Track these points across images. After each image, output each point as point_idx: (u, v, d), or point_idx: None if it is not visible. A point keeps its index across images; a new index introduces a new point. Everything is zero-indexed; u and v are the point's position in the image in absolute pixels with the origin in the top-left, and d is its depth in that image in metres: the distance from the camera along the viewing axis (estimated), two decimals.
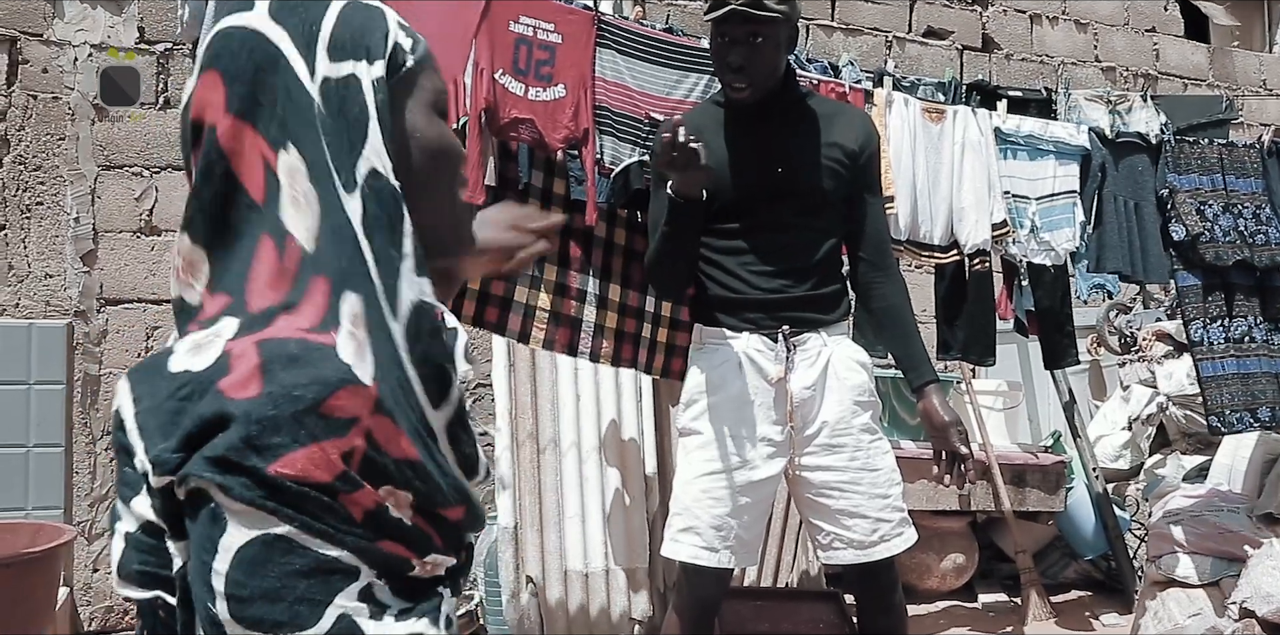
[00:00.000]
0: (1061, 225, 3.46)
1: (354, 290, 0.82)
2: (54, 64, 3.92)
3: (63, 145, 3.92)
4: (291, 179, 0.84)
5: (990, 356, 3.60)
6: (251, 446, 0.74)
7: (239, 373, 0.77)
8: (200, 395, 0.77)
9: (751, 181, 2.34)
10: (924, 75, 3.85)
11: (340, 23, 0.90)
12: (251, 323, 0.81)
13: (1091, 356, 5.35)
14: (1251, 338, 3.75)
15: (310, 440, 0.75)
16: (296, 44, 0.87)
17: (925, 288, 3.88)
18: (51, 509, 3.64)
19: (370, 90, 0.88)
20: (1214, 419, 3.66)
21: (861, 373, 2.40)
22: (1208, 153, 3.71)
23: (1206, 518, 3.69)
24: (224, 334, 0.81)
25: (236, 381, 0.76)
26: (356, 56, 0.89)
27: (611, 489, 3.76)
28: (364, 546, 0.79)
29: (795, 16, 2.35)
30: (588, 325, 3.19)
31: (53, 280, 3.89)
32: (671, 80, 3.03)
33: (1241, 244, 3.66)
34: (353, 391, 0.78)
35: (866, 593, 2.41)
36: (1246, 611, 3.37)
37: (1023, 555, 4.15)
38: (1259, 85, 6.57)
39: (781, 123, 2.39)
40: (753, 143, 2.37)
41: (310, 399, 0.76)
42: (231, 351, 0.79)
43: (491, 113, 2.83)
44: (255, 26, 0.87)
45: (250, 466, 0.74)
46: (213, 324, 0.82)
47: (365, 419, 0.78)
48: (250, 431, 0.74)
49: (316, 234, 0.83)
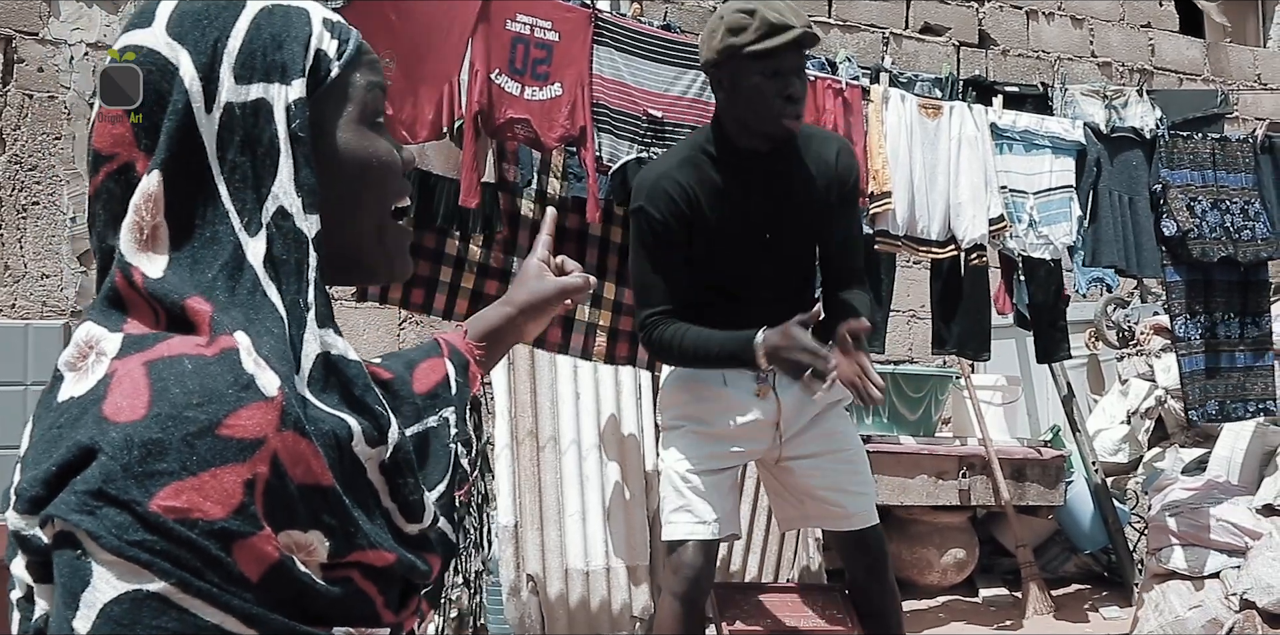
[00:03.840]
0: (1059, 219, 3.47)
1: (244, 331, 0.72)
2: (50, 63, 3.91)
3: (59, 145, 3.92)
4: (141, 205, 0.74)
5: (985, 351, 3.60)
6: (131, 475, 0.64)
7: (122, 392, 0.67)
8: (79, 419, 0.67)
9: (740, 246, 2.32)
10: (921, 71, 3.85)
11: (250, 36, 0.78)
12: (137, 341, 0.71)
13: (1090, 351, 5.36)
14: (1227, 333, 3.79)
15: (201, 467, 0.65)
16: (197, 66, 0.77)
17: (922, 284, 3.88)
18: None
19: (283, 117, 0.78)
20: (1193, 413, 3.76)
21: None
22: (1200, 148, 3.72)
23: (1206, 510, 3.70)
24: (107, 351, 0.71)
25: (119, 403, 0.66)
26: (268, 77, 0.78)
27: (612, 486, 3.77)
28: (256, 614, 0.67)
29: None
30: (579, 324, 3.20)
31: (49, 280, 3.88)
32: (669, 77, 3.04)
33: (1227, 240, 3.69)
34: (256, 406, 0.67)
35: (859, 568, 2.46)
36: (1247, 603, 3.38)
37: (1023, 549, 4.15)
38: (1254, 80, 6.58)
39: (769, 175, 2.28)
40: (740, 202, 2.28)
41: (204, 419, 0.66)
42: (115, 371, 0.69)
43: (487, 114, 2.83)
44: (151, 46, 0.77)
45: (127, 500, 0.63)
46: (74, 336, 0.74)
47: (271, 438, 0.67)
48: (130, 458, 0.64)
49: (166, 266, 0.73)
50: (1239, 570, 3.52)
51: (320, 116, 0.81)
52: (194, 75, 0.76)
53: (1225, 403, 3.79)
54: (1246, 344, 3.84)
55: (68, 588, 0.65)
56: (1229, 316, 3.82)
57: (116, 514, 0.63)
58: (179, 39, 0.77)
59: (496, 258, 3.21)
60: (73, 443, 0.66)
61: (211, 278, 0.74)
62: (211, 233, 0.75)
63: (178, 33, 0.77)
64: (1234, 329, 3.82)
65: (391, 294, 3.36)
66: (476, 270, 3.19)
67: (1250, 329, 3.85)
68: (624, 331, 3.22)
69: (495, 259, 3.21)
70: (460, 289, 3.18)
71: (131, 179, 0.76)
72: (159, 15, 0.78)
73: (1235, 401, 3.83)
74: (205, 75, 0.77)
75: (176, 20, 0.78)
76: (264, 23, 0.79)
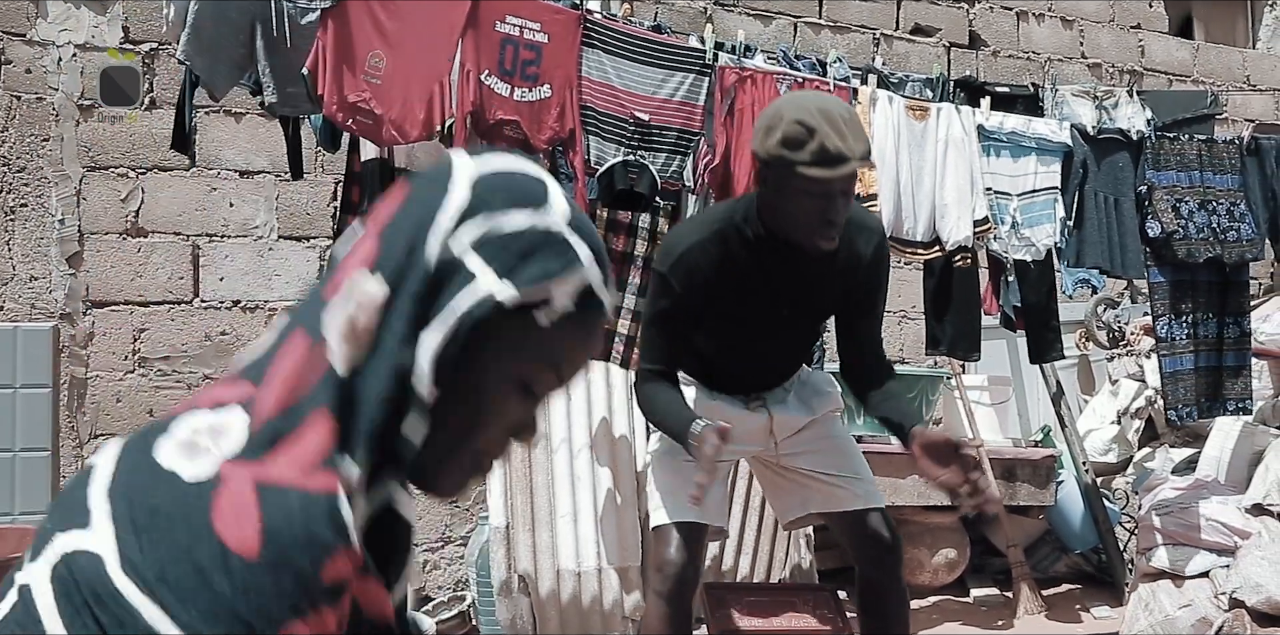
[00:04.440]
0: (1042, 221, 3.48)
1: (354, 459, 0.76)
2: (38, 64, 3.89)
3: (47, 146, 3.90)
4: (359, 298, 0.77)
5: (976, 352, 3.61)
6: (252, 616, 0.69)
7: (234, 519, 0.70)
8: (188, 516, 0.70)
9: (754, 321, 2.34)
10: (912, 72, 3.86)
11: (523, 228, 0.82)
12: (254, 447, 0.74)
13: (1080, 351, 5.37)
14: (1206, 333, 3.82)
15: (310, 608, 0.70)
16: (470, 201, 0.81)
17: (913, 284, 3.89)
18: (38, 514, 3.62)
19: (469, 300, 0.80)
20: (1171, 413, 3.79)
21: (832, 388, 2.56)
22: (1187, 149, 3.74)
23: (1195, 509, 3.71)
24: (223, 446, 0.73)
25: (232, 531, 0.70)
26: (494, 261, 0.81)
27: (603, 487, 3.76)
28: None
29: None
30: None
31: (38, 282, 3.87)
32: (657, 79, 3.04)
33: (1214, 241, 3.70)
34: (346, 553, 0.72)
35: (870, 561, 2.41)
36: (1236, 602, 3.39)
37: (1013, 549, 4.16)
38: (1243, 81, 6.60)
39: (798, 262, 2.25)
40: (762, 284, 2.27)
41: (310, 569, 0.70)
42: (227, 480, 0.72)
43: (478, 115, 2.83)
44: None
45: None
46: (221, 410, 0.76)
47: (352, 582, 0.73)
48: (250, 601, 0.69)
49: (350, 365, 0.76)
50: (1228, 569, 3.54)
51: (495, 332, 0.79)
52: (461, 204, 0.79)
53: (1202, 401, 3.81)
54: (1227, 344, 3.86)
55: None
56: (1208, 316, 3.84)
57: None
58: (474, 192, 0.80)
59: None
60: (189, 559, 0.69)
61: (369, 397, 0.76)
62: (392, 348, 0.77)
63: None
64: (1212, 329, 3.84)
65: None
66: None
67: (1231, 329, 3.87)
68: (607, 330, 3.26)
69: None
70: None
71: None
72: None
73: (1214, 401, 3.86)
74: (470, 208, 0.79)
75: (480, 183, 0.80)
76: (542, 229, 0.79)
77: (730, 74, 3.08)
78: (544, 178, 0.83)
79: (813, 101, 2.13)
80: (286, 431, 0.74)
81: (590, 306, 0.82)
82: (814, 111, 2.06)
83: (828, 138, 2.04)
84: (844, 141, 2.04)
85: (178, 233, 4.07)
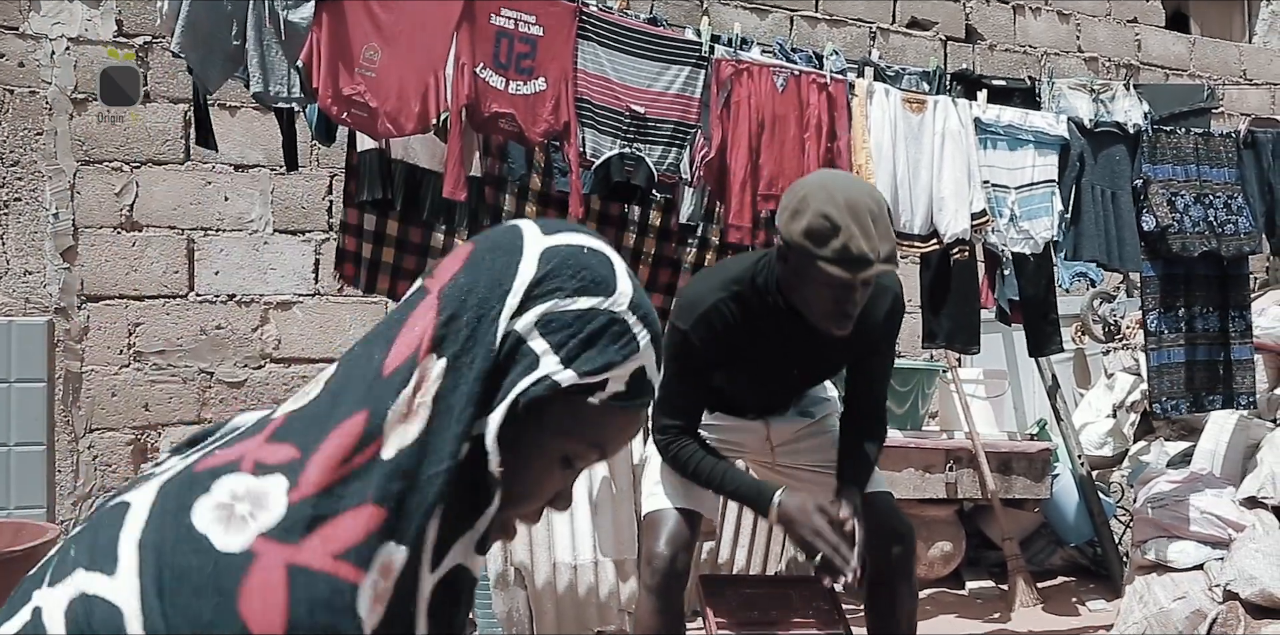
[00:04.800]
0: (1040, 214, 3.48)
1: (400, 542, 0.76)
2: (30, 58, 3.88)
3: (40, 140, 3.89)
4: (415, 388, 0.77)
5: (975, 345, 3.61)
6: None
7: (261, 601, 0.71)
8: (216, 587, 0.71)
9: (767, 374, 2.36)
10: (908, 66, 3.85)
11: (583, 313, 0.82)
12: (290, 527, 0.74)
13: (1076, 344, 5.37)
14: (1207, 327, 3.82)
15: None
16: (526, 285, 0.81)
17: (911, 278, 3.89)
18: (33, 508, 3.62)
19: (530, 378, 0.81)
20: (1157, 406, 3.80)
21: (829, 395, 2.60)
22: (1183, 143, 3.74)
23: (1190, 502, 3.72)
24: (261, 519, 0.74)
25: (257, 614, 0.71)
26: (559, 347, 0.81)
27: (599, 480, 3.77)
28: None
29: None
30: None
31: (32, 277, 3.86)
32: (653, 72, 3.03)
33: (1210, 235, 3.70)
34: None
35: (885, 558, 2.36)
36: (1230, 594, 3.40)
37: (1009, 542, 4.17)
38: (1239, 75, 6.61)
39: (811, 328, 2.21)
40: (778, 345, 2.26)
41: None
42: (260, 559, 0.72)
43: (473, 108, 2.83)
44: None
45: None
46: (258, 478, 0.76)
47: None
48: None
49: (403, 448, 0.77)
50: (1222, 562, 3.54)
51: (548, 409, 0.80)
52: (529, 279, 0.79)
53: (1200, 395, 3.81)
54: (1232, 338, 3.86)
55: None
56: (1208, 310, 3.84)
57: None
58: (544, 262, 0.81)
59: None
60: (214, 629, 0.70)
61: (421, 474, 0.76)
62: (453, 428, 0.77)
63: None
64: (1213, 322, 3.85)
65: (380, 285, 3.37)
66: None
67: (1236, 322, 3.87)
68: None
69: None
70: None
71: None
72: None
73: (1214, 394, 3.86)
74: (537, 285, 0.79)
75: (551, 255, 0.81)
76: (606, 315, 0.80)
77: (727, 67, 3.07)
78: (610, 256, 0.83)
79: (843, 192, 2.03)
80: (327, 515, 0.75)
81: (642, 390, 0.83)
82: (842, 206, 1.99)
83: (853, 239, 1.98)
84: (869, 242, 1.99)
85: (172, 227, 4.07)
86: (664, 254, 3.43)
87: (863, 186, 2.12)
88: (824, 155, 3.16)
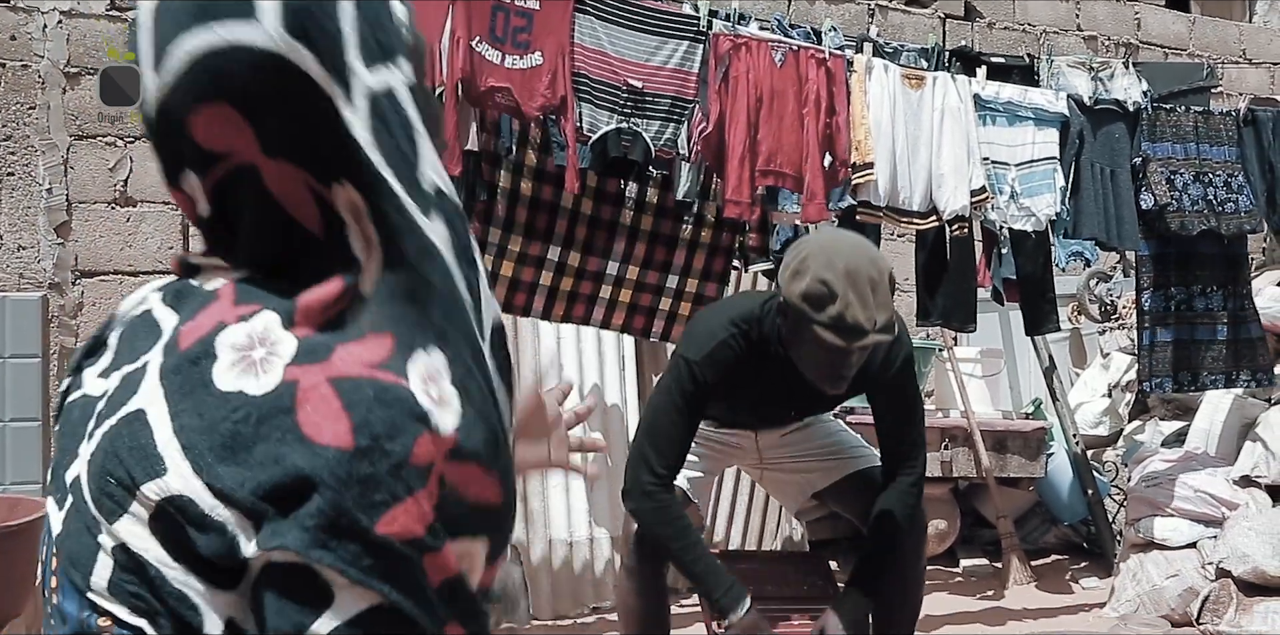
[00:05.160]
0: (1041, 191, 3.47)
1: (424, 347, 0.75)
2: (22, 31, 3.84)
3: (33, 114, 3.86)
4: (354, 217, 0.75)
5: (971, 322, 3.61)
6: (358, 508, 0.69)
7: (320, 415, 0.70)
8: (265, 425, 0.70)
9: (767, 410, 2.42)
10: (906, 42, 3.83)
11: (361, 18, 0.76)
12: (312, 349, 0.72)
13: (1072, 324, 5.37)
14: (1207, 306, 3.81)
15: (406, 493, 0.70)
16: (322, 60, 0.73)
17: (906, 256, 3.88)
18: (29, 484, 3.62)
19: (408, 97, 0.78)
20: (1147, 384, 3.81)
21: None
22: (1183, 121, 3.72)
23: (1184, 481, 3.73)
24: (281, 353, 0.72)
25: (321, 426, 0.69)
26: (388, 58, 0.77)
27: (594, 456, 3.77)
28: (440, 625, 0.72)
29: None
30: (542, 288, 3.32)
31: (26, 252, 3.84)
32: (651, 46, 3.01)
33: (1210, 213, 3.69)
34: (430, 438, 0.72)
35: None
36: (1223, 571, 3.41)
37: (1004, 521, 4.18)
38: (1239, 55, 6.58)
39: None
40: (779, 386, 2.29)
41: (400, 453, 0.71)
42: (299, 382, 0.70)
43: (469, 82, 2.81)
44: (266, 46, 0.72)
45: (359, 530, 0.69)
46: (250, 321, 0.73)
47: (439, 463, 0.72)
48: (354, 493, 0.69)
49: (376, 278, 0.75)
50: (1215, 540, 3.56)
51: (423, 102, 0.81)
52: (321, 71, 0.73)
53: (1200, 374, 3.81)
54: (1230, 316, 3.85)
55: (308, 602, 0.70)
56: (1211, 289, 3.83)
57: (351, 545, 0.69)
58: (296, 33, 0.72)
59: (475, 227, 3.21)
60: (287, 463, 0.69)
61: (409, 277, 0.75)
62: (406, 223, 0.76)
63: (292, 25, 0.72)
64: (1216, 301, 3.84)
65: None
66: None
67: (1235, 301, 3.87)
68: (583, 295, 3.37)
69: (474, 229, 3.21)
70: None
71: (258, 183, 0.75)
72: (261, 8, 0.72)
73: (1216, 374, 3.85)
74: (335, 66, 0.74)
75: (290, 16, 0.72)
76: (363, 4, 0.77)
77: (725, 42, 3.05)
78: None
79: (844, 257, 2.03)
80: (337, 344, 0.73)
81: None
82: (841, 272, 2.00)
83: (849, 308, 1.99)
84: (865, 311, 2.00)
85: (167, 202, 4.04)
86: (661, 231, 3.42)
87: (865, 252, 2.09)
88: (823, 131, 3.15)
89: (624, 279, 3.39)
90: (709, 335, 2.23)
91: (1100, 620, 3.65)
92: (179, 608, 0.72)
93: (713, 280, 3.46)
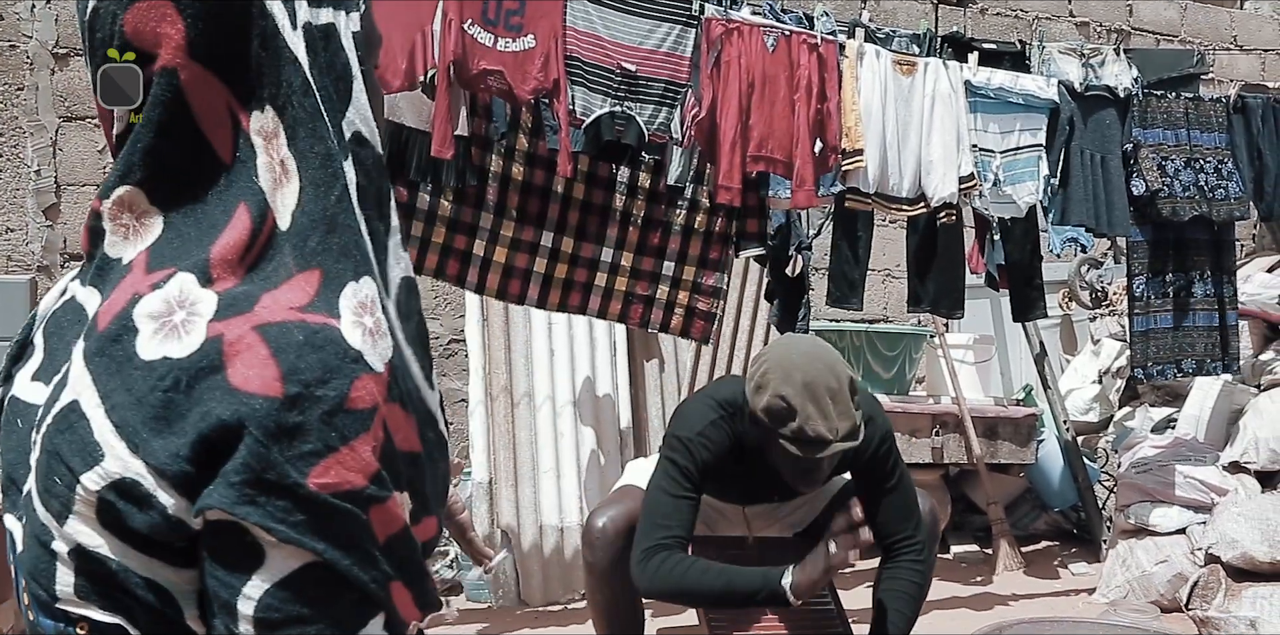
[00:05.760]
0: (1024, 179, 3.47)
1: (354, 278, 0.72)
2: (10, 11, 3.81)
3: (21, 96, 3.83)
4: (268, 144, 0.72)
5: (959, 309, 3.61)
6: (286, 459, 0.66)
7: (247, 365, 0.66)
8: (197, 387, 0.66)
9: (752, 495, 2.43)
10: (898, 28, 3.81)
11: None
12: (233, 301, 0.69)
13: (1063, 311, 5.39)
14: (1192, 292, 3.82)
15: (342, 441, 0.67)
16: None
17: (897, 242, 3.88)
18: None
19: (350, 44, 0.78)
20: (1139, 371, 3.79)
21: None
22: (1174, 107, 3.72)
23: (1174, 467, 3.75)
24: (201, 312, 0.68)
25: (249, 376, 0.66)
26: (336, 5, 0.77)
27: (586, 443, 3.77)
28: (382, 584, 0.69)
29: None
30: (537, 276, 3.30)
31: (14, 234, 3.82)
32: (644, 30, 2.99)
33: (1200, 199, 3.70)
34: (369, 378, 0.69)
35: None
36: (1212, 557, 3.43)
37: (994, 507, 4.20)
38: (1229, 41, 6.58)
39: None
40: (760, 472, 2.28)
41: (335, 397, 0.67)
42: (224, 336, 0.67)
43: (460, 65, 2.79)
44: None
45: (288, 485, 0.66)
46: (164, 287, 0.70)
47: (381, 406, 0.69)
48: (281, 444, 0.66)
49: (294, 210, 0.72)
50: (1205, 526, 3.58)
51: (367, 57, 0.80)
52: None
53: (1176, 360, 3.82)
54: (1216, 303, 3.87)
55: (238, 564, 0.67)
56: (1203, 276, 3.84)
57: (279, 501, 0.66)
58: None
59: (466, 212, 3.20)
60: (210, 417, 0.65)
61: (328, 205, 0.73)
62: (323, 152, 0.74)
63: None
64: (1206, 287, 3.85)
65: None
66: (447, 224, 3.18)
67: (1224, 288, 3.88)
68: (579, 282, 3.34)
69: (465, 213, 3.20)
70: (431, 243, 3.17)
71: (178, 91, 0.72)
72: None
73: (1194, 360, 3.87)
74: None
75: None
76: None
77: (717, 26, 3.04)
78: None
79: (801, 370, 2.04)
80: (262, 292, 0.70)
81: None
82: (799, 386, 2.02)
83: (809, 421, 2.02)
84: (826, 423, 2.02)
85: None
86: (653, 216, 3.41)
87: (823, 361, 2.08)
88: (814, 116, 3.14)
89: (619, 266, 3.36)
90: (700, 416, 2.24)
91: (1090, 606, 3.66)
92: (149, 597, 0.70)
93: (710, 268, 3.42)
